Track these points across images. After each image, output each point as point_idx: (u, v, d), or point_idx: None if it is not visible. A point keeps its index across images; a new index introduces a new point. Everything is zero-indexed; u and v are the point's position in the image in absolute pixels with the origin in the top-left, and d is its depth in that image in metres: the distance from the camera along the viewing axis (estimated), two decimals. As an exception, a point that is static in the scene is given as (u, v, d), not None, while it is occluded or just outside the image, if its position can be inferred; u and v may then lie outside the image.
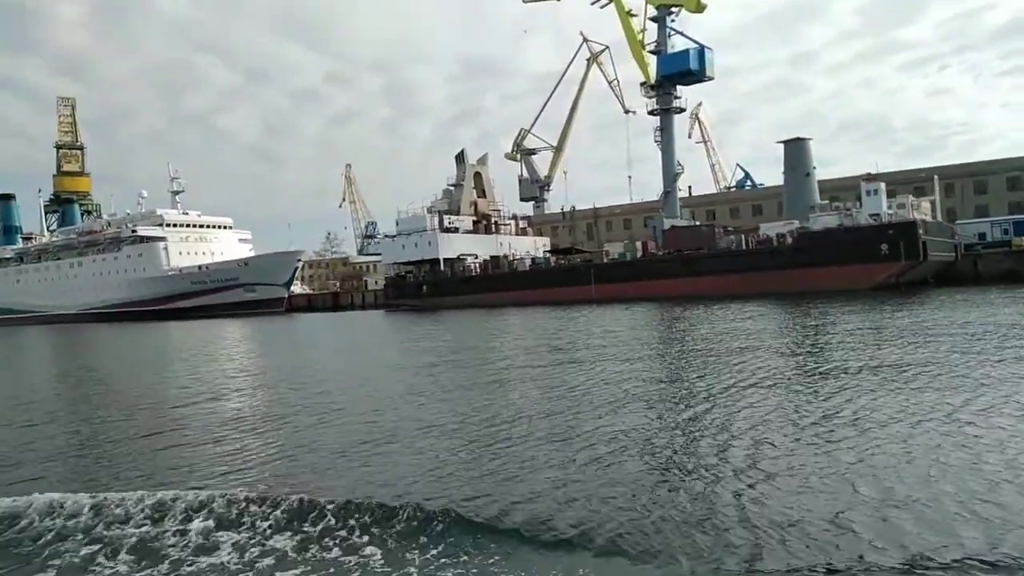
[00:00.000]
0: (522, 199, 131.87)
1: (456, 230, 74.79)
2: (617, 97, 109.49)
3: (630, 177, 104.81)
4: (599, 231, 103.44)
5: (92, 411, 15.79)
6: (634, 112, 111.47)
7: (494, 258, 72.89)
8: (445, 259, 72.16)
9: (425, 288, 71.51)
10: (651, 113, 78.15)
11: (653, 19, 76.74)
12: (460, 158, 79.18)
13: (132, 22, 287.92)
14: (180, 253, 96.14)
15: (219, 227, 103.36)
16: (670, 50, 75.95)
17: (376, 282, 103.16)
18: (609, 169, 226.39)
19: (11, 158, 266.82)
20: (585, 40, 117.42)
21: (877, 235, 50.31)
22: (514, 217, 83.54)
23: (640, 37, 78.59)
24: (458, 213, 76.67)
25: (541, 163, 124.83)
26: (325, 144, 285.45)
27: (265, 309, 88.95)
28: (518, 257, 70.54)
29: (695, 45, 75.19)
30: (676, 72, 74.73)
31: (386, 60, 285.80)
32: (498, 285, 67.19)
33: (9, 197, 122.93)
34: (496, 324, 39.65)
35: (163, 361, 29.31)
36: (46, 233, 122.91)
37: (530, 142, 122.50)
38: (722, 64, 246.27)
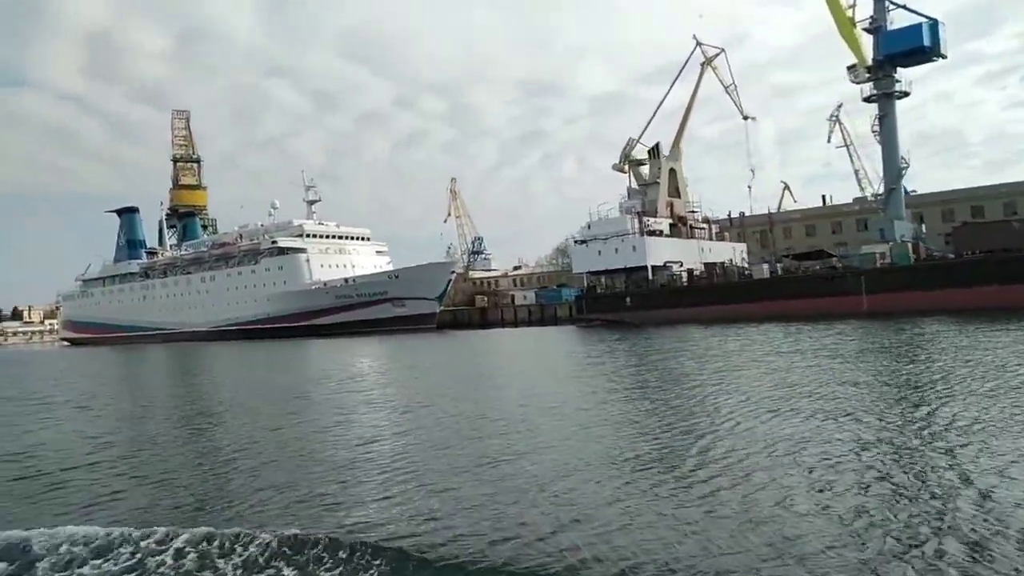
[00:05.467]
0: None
1: (660, 233, 65.21)
2: (735, 103, 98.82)
3: (750, 187, 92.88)
4: (774, 238, 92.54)
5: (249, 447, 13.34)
6: (753, 118, 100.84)
7: (709, 265, 62.93)
8: (653, 266, 62.48)
9: (630, 300, 61.82)
10: (867, 100, 68.01)
11: (869, -9, 66.65)
12: (654, 152, 69.66)
13: (210, 50, 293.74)
14: (321, 266, 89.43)
15: (358, 238, 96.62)
16: (889, 26, 65.82)
17: (525, 297, 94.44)
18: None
19: (92, 181, 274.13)
20: (699, 44, 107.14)
21: None
22: (706, 220, 73.31)
23: (849, 14, 68.46)
24: (654, 215, 67.04)
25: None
26: (391, 165, 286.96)
27: (416, 325, 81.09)
28: (749, 264, 60.39)
29: (924, 19, 64.64)
30: (901, 51, 64.26)
31: (449, 83, 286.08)
32: (727, 296, 56.99)
33: (133, 210, 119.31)
34: (796, 346, 27.97)
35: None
36: (167, 247, 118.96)
37: (639, 152, 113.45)
38: (780, 82, 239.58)
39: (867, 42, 66.99)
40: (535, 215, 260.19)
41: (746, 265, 64.32)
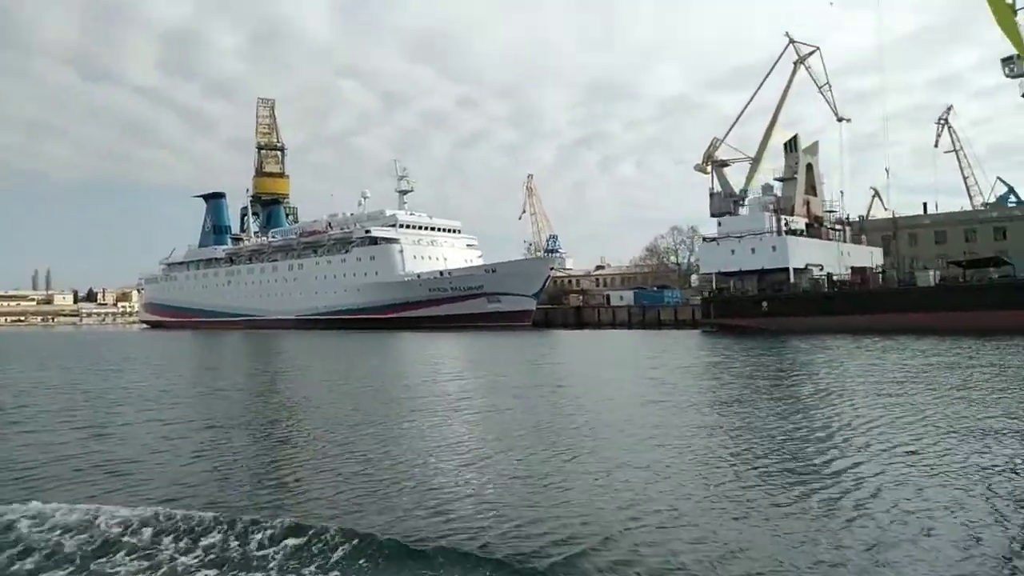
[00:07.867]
0: (713, 214, 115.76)
1: (798, 233, 59.81)
2: (829, 103, 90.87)
3: (842, 192, 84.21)
4: (899, 246, 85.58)
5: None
6: (848, 120, 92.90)
7: (858, 269, 57.42)
8: (795, 269, 57.07)
9: (766, 305, 56.52)
10: (1027, 96, 61.42)
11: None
12: (790, 146, 64.13)
13: (281, 49, 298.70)
14: (414, 257, 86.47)
15: (449, 231, 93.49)
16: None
17: (621, 297, 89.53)
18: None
19: (165, 171, 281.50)
20: (791, 41, 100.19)
21: None
22: (840, 221, 67.30)
23: (1009, 1, 61.80)
24: (790, 213, 61.56)
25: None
26: (451, 163, 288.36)
27: (511, 322, 77.23)
28: (914, 268, 54.62)
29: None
30: (1075, 39, 57.19)
31: (513, 86, 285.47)
32: (884, 304, 51.22)
33: (219, 196, 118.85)
34: None
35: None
36: (250, 234, 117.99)
37: (723, 153, 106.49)
38: (856, 88, 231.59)
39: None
40: (591, 217, 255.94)
41: (882, 270, 58.59)
